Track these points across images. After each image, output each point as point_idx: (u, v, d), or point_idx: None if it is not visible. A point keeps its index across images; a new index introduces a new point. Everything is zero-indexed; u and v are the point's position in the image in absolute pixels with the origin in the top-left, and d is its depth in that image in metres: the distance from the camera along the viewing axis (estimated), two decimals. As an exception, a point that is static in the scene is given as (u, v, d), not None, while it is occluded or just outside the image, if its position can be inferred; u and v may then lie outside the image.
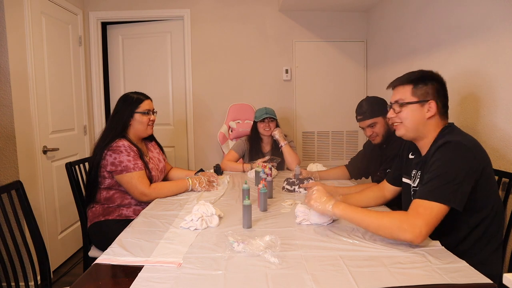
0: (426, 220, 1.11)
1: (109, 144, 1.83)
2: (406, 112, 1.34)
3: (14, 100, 2.24)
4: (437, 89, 1.31)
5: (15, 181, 1.55)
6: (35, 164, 2.44)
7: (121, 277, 1.03)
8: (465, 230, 1.25)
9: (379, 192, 1.65)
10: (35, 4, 2.50)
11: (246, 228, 1.37)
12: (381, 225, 1.16)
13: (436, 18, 2.22)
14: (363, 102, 2.03)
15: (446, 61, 2.13)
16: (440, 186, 1.14)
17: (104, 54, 3.49)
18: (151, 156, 2.06)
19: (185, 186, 1.95)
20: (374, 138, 2.01)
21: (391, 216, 1.16)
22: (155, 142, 2.20)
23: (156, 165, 2.03)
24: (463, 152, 1.17)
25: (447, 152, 1.19)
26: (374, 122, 1.97)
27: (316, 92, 3.50)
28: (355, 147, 3.52)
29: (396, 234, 1.13)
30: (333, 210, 1.28)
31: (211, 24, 3.39)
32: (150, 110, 1.99)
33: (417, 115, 1.32)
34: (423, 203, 1.14)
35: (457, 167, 1.15)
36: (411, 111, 1.32)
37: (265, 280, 0.97)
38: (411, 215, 1.13)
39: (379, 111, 1.95)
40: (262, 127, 2.58)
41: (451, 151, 1.18)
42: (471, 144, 1.21)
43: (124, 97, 1.99)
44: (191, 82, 3.43)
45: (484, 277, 0.95)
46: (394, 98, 1.38)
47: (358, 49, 3.49)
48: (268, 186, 1.76)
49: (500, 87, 1.71)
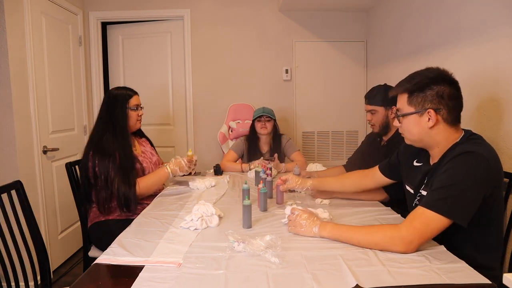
0: (420, 234, 1.07)
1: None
2: (405, 124, 1.26)
3: (14, 100, 2.24)
4: (438, 94, 1.18)
5: (15, 181, 1.55)
6: (35, 164, 2.44)
7: (121, 277, 1.03)
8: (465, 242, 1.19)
9: (359, 179, 1.61)
10: (35, 4, 2.50)
11: (246, 228, 1.37)
12: (372, 241, 1.13)
13: (436, 18, 2.22)
14: (376, 87, 2.03)
15: (446, 61, 2.13)
16: (446, 197, 1.07)
17: (104, 54, 3.49)
18: (143, 150, 2.09)
19: (164, 174, 1.93)
20: (372, 125, 2.04)
21: (382, 232, 1.13)
22: (146, 139, 2.22)
23: (149, 158, 2.05)
24: (479, 164, 1.09)
25: (462, 164, 1.10)
26: (374, 109, 1.97)
27: (316, 92, 3.50)
28: (355, 147, 3.50)
29: (387, 248, 1.11)
30: (320, 233, 1.23)
31: (211, 24, 3.39)
32: (138, 105, 2.03)
33: (417, 126, 1.22)
34: (423, 213, 1.08)
35: (469, 180, 1.08)
36: (410, 122, 1.24)
37: (266, 280, 0.97)
38: (404, 228, 1.09)
39: (383, 101, 1.93)
40: (259, 126, 2.59)
41: (467, 163, 1.09)
42: (490, 155, 1.12)
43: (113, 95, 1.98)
44: (191, 82, 3.43)
45: (484, 278, 0.95)
46: (397, 106, 1.29)
47: (358, 49, 3.49)
48: (268, 186, 1.76)
49: (500, 87, 1.71)
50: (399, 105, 1.27)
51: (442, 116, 1.19)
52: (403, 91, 1.25)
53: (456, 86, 1.21)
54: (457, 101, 1.20)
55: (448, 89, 1.19)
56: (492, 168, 1.11)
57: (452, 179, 1.09)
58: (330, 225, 1.24)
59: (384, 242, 1.11)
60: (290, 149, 2.63)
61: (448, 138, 1.21)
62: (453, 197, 1.07)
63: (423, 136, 1.23)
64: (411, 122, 1.24)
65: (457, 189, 1.07)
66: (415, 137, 1.26)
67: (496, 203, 1.18)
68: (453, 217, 1.07)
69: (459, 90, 1.22)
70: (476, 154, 1.10)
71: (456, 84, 1.21)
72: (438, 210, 1.07)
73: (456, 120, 1.22)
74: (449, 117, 1.20)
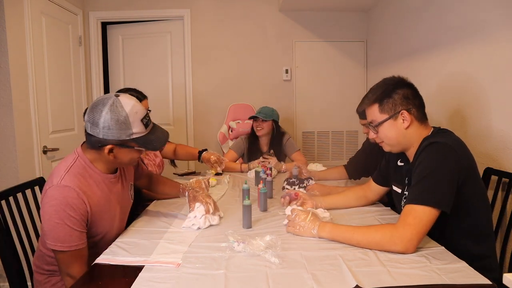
0: (416, 230, 1.09)
1: None
2: (382, 131, 1.31)
3: (14, 100, 2.24)
4: (404, 96, 1.26)
5: (38, 177, 1.66)
6: (35, 164, 2.44)
7: (121, 277, 1.03)
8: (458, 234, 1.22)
9: (361, 192, 1.62)
10: (35, 4, 2.50)
11: (246, 228, 1.37)
12: (371, 241, 1.14)
13: (436, 18, 2.22)
14: None
15: (446, 61, 2.13)
16: (428, 188, 1.12)
17: (104, 54, 3.49)
18: (147, 152, 2.07)
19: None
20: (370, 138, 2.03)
21: (381, 232, 1.14)
22: None
23: (152, 161, 2.03)
24: (445, 152, 1.15)
25: (431, 153, 1.17)
26: None
27: (316, 92, 3.50)
28: (355, 147, 3.52)
29: (387, 248, 1.11)
30: (318, 233, 1.23)
31: (211, 24, 3.39)
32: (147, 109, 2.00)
33: (394, 130, 1.28)
34: (412, 209, 1.11)
35: (441, 167, 1.14)
36: (386, 129, 1.29)
37: (266, 280, 0.97)
38: (400, 227, 1.11)
39: None
40: (255, 126, 2.59)
41: (435, 152, 1.17)
42: (455, 144, 1.19)
43: None
44: (191, 82, 3.43)
45: (484, 278, 0.95)
46: (368, 120, 1.36)
47: (358, 49, 3.48)
48: (268, 186, 1.76)
49: (501, 87, 1.71)
50: (371, 117, 1.34)
51: (414, 115, 1.27)
52: (372, 103, 1.32)
53: (414, 87, 1.31)
54: (420, 99, 1.30)
55: (410, 90, 1.29)
56: (459, 155, 1.16)
57: (425, 171, 1.15)
58: (329, 225, 1.24)
59: (384, 241, 1.11)
60: (290, 148, 2.62)
61: (421, 135, 1.28)
62: (431, 187, 1.12)
63: (400, 139, 1.29)
64: (387, 128, 1.29)
65: (431, 179, 1.13)
66: (393, 141, 1.31)
67: (474, 191, 1.21)
68: (438, 206, 1.10)
69: (417, 91, 1.31)
70: (441, 144, 1.18)
71: (413, 86, 1.31)
72: (424, 203, 1.10)
73: (424, 117, 1.31)
74: (419, 115, 1.28)
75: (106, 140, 1.15)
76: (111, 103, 1.14)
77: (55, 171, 1.17)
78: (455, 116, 2.04)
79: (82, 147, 1.25)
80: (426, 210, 1.10)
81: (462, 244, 1.20)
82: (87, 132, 1.17)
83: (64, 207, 1.10)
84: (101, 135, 1.14)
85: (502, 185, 1.66)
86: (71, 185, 1.13)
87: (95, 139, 1.16)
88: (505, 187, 1.62)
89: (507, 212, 1.62)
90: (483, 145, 1.81)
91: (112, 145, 1.16)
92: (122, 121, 1.14)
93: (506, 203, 1.61)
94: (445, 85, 2.13)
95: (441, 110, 2.15)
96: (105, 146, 1.16)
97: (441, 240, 1.19)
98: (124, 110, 1.14)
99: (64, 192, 1.12)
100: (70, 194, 1.12)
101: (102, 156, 1.20)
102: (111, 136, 1.14)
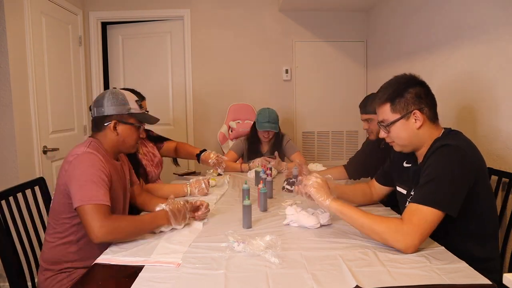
0: (420, 230, 1.08)
1: None
2: (394, 131, 1.28)
3: (14, 100, 2.24)
4: (417, 95, 1.24)
5: (39, 177, 1.68)
6: (35, 164, 2.44)
7: (121, 277, 1.03)
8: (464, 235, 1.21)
9: (367, 190, 1.62)
10: (35, 4, 2.50)
11: (246, 228, 1.37)
12: (375, 229, 1.13)
13: (436, 18, 2.22)
14: (370, 95, 2.05)
15: (446, 61, 2.13)
16: (435, 190, 1.11)
17: (104, 54, 3.49)
18: (145, 151, 2.07)
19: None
20: (369, 133, 2.07)
21: (386, 223, 1.13)
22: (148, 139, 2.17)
23: (150, 161, 2.03)
24: (458, 155, 1.14)
25: (442, 155, 1.15)
26: (370, 117, 2.01)
27: (316, 92, 3.50)
28: (355, 147, 3.52)
29: (389, 242, 1.11)
30: (331, 203, 1.24)
31: (211, 24, 3.39)
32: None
33: (406, 130, 1.26)
34: (417, 209, 1.10)
35: (452, 171, 1.12)
36: (398, 128, 1.27)
37: (266, 280, 0.97)
38: (406, 225, 1.10)
39: None
40: (261, 134, 2.58)
41: (446, 155, 1.15)
42: (467, 146, 1.18)
43: None
44: (191, 82, 3.43)
45: (484, 278, 0.95)
46: (379, 119, 1.33)
47: (358, 49, 3.48)
48: (268, 186, 1.76)
49: (501, 87, 1.71)
50: (382, 116, 1.31)
51: (426, 114, 1.25)
52: (383, 102, 1.29)
53: (426, 85, 1.28)
54: (432, 98, 1.27)
55: (422, 89, 1.26)
56: (470, 157, 1.15)
57: (435, 173, 1.13)
58: (341, 201, 1.26)
59: (386, 234, 1.11)
60: (290, 149, 2.63)
61: (432, 135, 1.26)
62: (440, 189, 1.11)
63: (412, 139, 1.27)
64: (398, 128, 1.27)
65: (441, 181, 1.11)
66: (405, 142, 1.29)
67: (483, 193, 1.20)
68: (445, 209, 1.09)
69: (429, 89, 1.28)
70: (452, 147, 1.15)
71: (425, 84, 1.28)
72: (431, 204, 1.09)
73: (435, 117, 1.28)
74: (431, 114, 1.26)
75: (110, 116, 1.37)
76: (111, 91, 1.41)
77: (75, 149, 1.33)
78: (455, 116, 2.04)
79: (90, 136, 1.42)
80: (433, 212, 1.08)
81: (467, 246, 1.19)
82: (94, 117, 1.40)
83: (97, 166, 1.28)
84: (105, 112, 1.37)
85: (502, 185, 1.66)
86: (97, 154, 1.31)
87: (101, 118, 1.38)
88: (505, 187, 1.62)
89: (507, 212, 1.62)
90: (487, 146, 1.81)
91: (115, 120, 1.38)
92: (121, 99, 1.40)
93: (506, 203, 1.61)
94: (446, 85, 2.13)
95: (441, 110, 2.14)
96: (109, 123, 1.37)
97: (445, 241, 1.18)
98: (121, 92, 1.43)
99: (94, 157, 1.30)
100: (98, 159, 1.30)
101: (108, 138, 1.39)
102: (113, 111, 1.37)
